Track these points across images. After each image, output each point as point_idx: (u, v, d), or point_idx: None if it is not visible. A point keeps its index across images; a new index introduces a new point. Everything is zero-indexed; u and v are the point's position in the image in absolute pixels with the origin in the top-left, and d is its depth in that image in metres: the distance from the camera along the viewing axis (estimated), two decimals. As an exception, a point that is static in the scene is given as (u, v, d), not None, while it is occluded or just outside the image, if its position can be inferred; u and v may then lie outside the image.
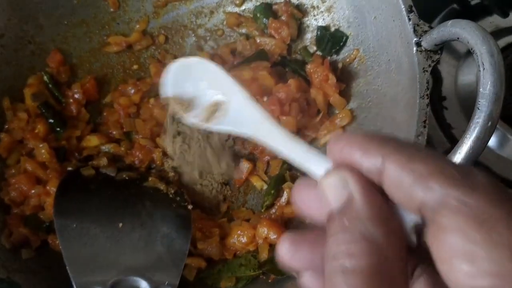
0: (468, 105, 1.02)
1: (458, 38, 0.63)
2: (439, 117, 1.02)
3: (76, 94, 0.91)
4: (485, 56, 0.58)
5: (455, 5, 1.10)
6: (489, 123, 0.57)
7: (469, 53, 1.07)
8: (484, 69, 0.58)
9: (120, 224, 0.74)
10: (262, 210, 0.86)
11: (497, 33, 1.08)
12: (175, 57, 0.97)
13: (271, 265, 0.77)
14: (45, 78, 0.90)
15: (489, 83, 0.57)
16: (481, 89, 0.58)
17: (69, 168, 0.84)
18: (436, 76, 1.05)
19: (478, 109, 0.58)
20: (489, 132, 0.57)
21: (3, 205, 0.82)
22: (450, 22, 0.65)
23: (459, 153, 0.58)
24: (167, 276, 0.70)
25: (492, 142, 0.99)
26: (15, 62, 0.89)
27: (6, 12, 0.87)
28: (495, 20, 1.10)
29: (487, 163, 0.98)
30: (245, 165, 0.89)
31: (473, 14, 1.10)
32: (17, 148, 0.85)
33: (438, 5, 1.10)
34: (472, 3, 1.10)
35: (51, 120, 0.87)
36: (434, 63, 0.72)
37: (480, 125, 0.57)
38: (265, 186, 0.88)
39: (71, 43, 0.94)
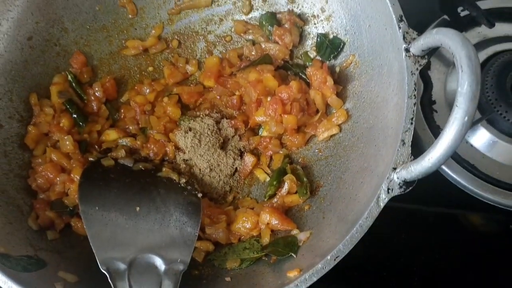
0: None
1: (441, 44, 0.72)
2: (429, 120, 1.10)
3: (97, 92, 0.99)
4: (463, 59, 0.66)
5: (445, 16, 1.17)
6: (466, 118, 0.65)
7: (458, 61, 1.15)
8: (462, 71, 0.66)
9: (137, 208, 0.82)
10: (265, 200, 0.94)
11: (485, 43, 1.16)
12: (187, 60, 1.06)
13: (272, 248, 0.85)
14: (69, 77, 0.99)
15: (466, 83, 0.65)
16: (459, 89, 0.66)
17: (91, 159, 0.92)
18: (426, 82, 1.13)
19: (457, 106, 0.66)
20: (466, 126, 0.65)
21: (30, 191, 0.90)
22: (434, 30, 0.73)
23: (441, 143, 0.66)
24: (179, 254, 0.77)
25: (480, 144, 1.07)
26: (42, 62, 0.98)
27: (35, 16, 0.96)
28: (483, 30, 1.17)
29: (475, 163, 1.06)
30: (249, 159, 0.97)
31: (463, 25, 1.17)
32: (43, 140, 0.94)
33: (429, 17, 1.18)
34: (462, 14, 1.17)
35: (75, 116, 0.96)
36: (421, 67, 0.80)
37: (458, 119, 0.65)
38: (267, 178, 0.96)
39: (92, 46, 1.03)
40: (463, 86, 0.65)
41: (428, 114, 1.10)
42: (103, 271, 0.71)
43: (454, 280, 1.02)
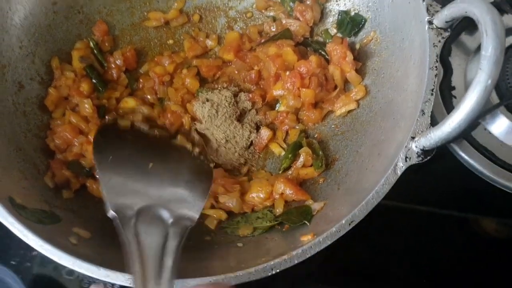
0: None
1: (466, 12, 0.71)
2: (448, 105, 1.09)
3: (118, 60, 1.00)
4: (488, 24, 0.66)
5: None
6: (489, 81, 0.64)
7: (479, 49, 1.14)
8: (487, 35, 0.65)
9: (151, 164, 0.82)
10: (280, 172, 0.93)
11: (508, 31, 1.15)
12: (207, 35, 1.06)
13: (285, 216, 0.84)
14: (91, 44, 1.00)
15: (491, 46, 0.65)
16: (483, 52, 0.65)
17: (108, 117, 0.93)
18: (446, 68, 1.12)
19: (480, 69, 0.65)
20: (489, 89, 0.64)
21: (47, 152, 0.91)
22: (459, -1, 0.73)
23: (463, 107, 0.66)
24: (188, 211, 0.77)
25: (499, 131, 1.06)
26: (65, 28, 0.99)
27: (60, -18, 0.97)
28: (506, 19, 1.16)
29: (493, 150, 1.05)
30: (265, 133, 0.97)
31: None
32: (62, 104, 0.95)
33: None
34: (484, 2, 1.17)
35: (95, 81, 0.97)
36: (444, 39, 0.80)
37: (481, 82, 0.64)
38: (283, 153, 0.96)
39: (115, 16, 1.04)
40: (487, 50, 0.65)
41: (447, 99, 1.09)
42: (111, 216, 0.71)
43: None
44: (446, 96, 1.10)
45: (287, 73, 0.96)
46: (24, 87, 0.92)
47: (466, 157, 1.04)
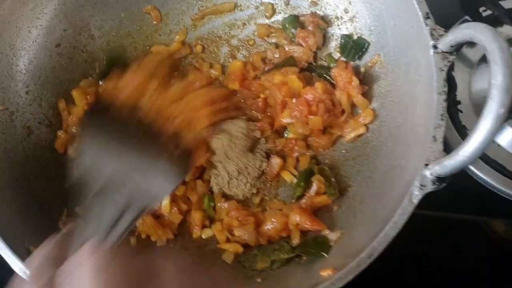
0: (482, 109, 1.10)
1: (471, 38, 0.72)
2: (455, 120, 1.09)
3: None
4: (496, 52, 0.66)
5: (467, 17, 1.17)
6: (501, 110, 0.64)
7: (481, 61, 1.15)
8: (495, 63, 0.66)
9: (134, 140, 0.79)
10: (293, 201, 0.93)
11: (508, 42, 1.15)
12: (211, 65, 1.07)
13: (303, 248, 0.84)
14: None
15: (500, 75, 0.65)
16: (493, 81, 0.65)
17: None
18: (451, 82, 1.12)
19: (491, 98, 0.65)
20: (501, 118, 0.65)
21: (60, 195, 0.91)
22: (463, 25, 0.73)
23: (476, 136, 0.66)
24: (155, 191, 0.74)
25: (506, 142, 1.06)
26: (70, 68, 1.00)
27: (63, 23, 0.98)
28: (505, 30, 1.17)
29: (503, 162, 1.05)
30: (276, 161, 0.97)
31: (481, 25, 1.17)
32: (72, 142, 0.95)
33: (450, 18, 1.18)
34: (484, 14, 1.17)
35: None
36: (450, 63, 0.80)
37: (492, 112, 0.65)
38: (294, 180, 0.96)
39: (118, 52, 1.04)
40: (496, 78, 0.65)
41: (454, 115, 1.09)
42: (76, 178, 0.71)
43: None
44: (453, 112, 1.10)
45: (294, 100, 0.96)
46: (33, 132, 0.93)
47: (476, 171, 1.04)
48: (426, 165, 0.74)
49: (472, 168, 1.05)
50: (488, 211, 1.07)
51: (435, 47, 0.79)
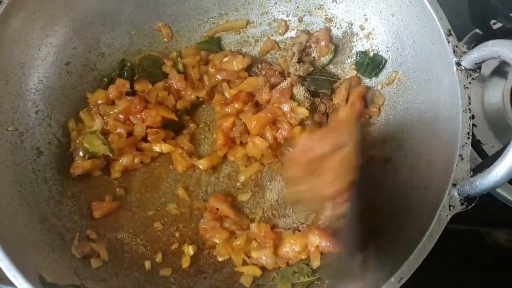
0: (495, 123, 1.09)
1: (499, 56, 0.70)
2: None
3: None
4: (526, 69, 0.65)
5: (477, 30, 1.17)
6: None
7: (493, 75, 1.14)
8: (526, 80, 0.64)
9: None
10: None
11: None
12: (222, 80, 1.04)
13: (324, 271, 0.82)
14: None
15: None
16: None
17: None
18: (464, 97, 1.11)
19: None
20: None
21: (70, 217, 0.88)
22: (490, 42, 0.72)
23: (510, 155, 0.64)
24: None
25: None
26: (80, 87, 0.97)
27: (73, 41, 0.95)
28: (512, 43, 1.16)
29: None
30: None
31: (495, 38, 1.15)
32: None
33: (461, 31, 1.17)
34: (494, 27, 1.16)
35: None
36: (474, 80, 0.78)
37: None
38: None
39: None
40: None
41: (468, 129, 1.08)
42: None
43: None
44: (467, 126, 1.08)
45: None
46: (43, 153, 0.89)
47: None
48: (454, 184, 0.72)
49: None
50: (490, 221, 1.05)
51: (458, 64, 0.78)
